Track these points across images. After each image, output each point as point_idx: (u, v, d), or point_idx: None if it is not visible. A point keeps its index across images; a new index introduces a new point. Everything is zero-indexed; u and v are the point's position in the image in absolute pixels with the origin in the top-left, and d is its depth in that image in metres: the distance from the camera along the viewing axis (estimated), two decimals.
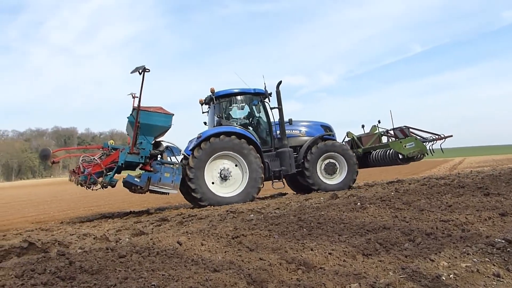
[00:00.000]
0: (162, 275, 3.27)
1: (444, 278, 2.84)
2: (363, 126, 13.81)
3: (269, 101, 11.89)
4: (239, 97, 11.83)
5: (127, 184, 9.61)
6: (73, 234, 6.33)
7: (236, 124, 11.51)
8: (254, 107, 11.93)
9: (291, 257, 3.55)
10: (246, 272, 3.17)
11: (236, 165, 10.70)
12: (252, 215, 7.01)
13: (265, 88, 11.81)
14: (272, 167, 11.30)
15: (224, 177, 10.56)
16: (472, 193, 6.78)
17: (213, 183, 10.47)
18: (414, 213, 5.39)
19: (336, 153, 11.94)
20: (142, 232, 6.08)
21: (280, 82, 11.86)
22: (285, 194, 12.50)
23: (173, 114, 9.99)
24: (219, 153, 10.46)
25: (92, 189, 9.36)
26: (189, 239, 4.33)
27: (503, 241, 3.60)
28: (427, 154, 12.67)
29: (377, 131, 13.47)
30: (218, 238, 4.47)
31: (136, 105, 9.51)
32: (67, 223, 9.44)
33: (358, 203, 6.40)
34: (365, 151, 13.13)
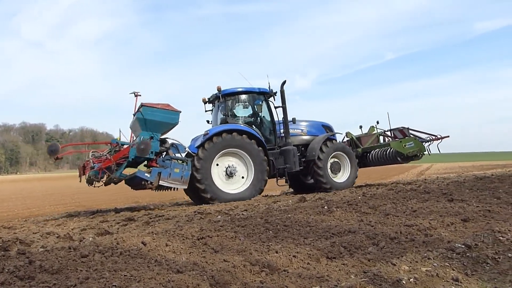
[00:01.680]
0: (124, 275, 3.21)
1: (404, 282, 2.89)
2: (361, 127, 14.32)
3: (274, 100, 12.14)
4: (244, 96, 12.03)
5: (136, 179, 9.69)
6: (36, 233, 6.16)
7: (241, 122, 11.72)
8: (258, 106, 12.08)
9: (256, 259, 3.55)
10: (209, 273, 3.15)
11: (242, 163, 10.89)
12: (220, 216, 6.99)
13: (269, 87, 12.04)
14: (277, 164, 11.55)
15: (230, 174, 10.73)
16: (437, 199, 6.93)
17: (217, 174, 10.61)
18: (380, 217, 5.47)
19: (342, 153, 12.36)
20: (107, 232, 5.99)
21: (285, 82, 12.07)
22: None
23: (181, 111, 10.13)
24: (228, 149, 10.63)
25: (105, 185, 9.56)
26: (154, 239, 4.29)
27: (463, 246, 3.69)
28: (424, 154, 13.11)
29: (375, 131, 13.96)
30: (184, 239, 4.44)
31: (139, 102, 9.83)
32: (31, 221, 9.19)
33: (325, 207, 6.46)
34: (364, 151, 13.56)
